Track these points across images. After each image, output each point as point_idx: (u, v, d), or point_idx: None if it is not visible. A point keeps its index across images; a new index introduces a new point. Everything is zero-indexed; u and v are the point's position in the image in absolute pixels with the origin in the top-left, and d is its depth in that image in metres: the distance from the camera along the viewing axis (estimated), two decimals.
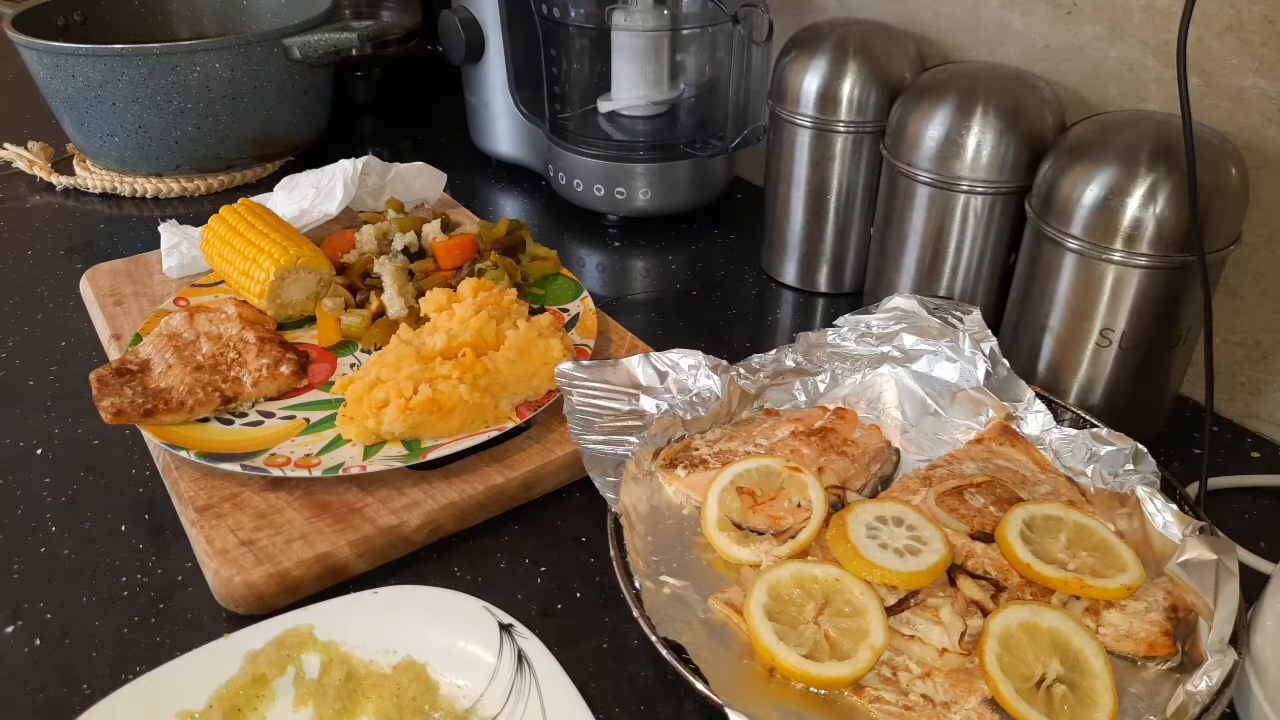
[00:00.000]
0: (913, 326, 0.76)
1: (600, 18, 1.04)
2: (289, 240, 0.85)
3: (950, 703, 0.51)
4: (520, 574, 0.65)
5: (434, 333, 0.75)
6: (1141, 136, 0.67)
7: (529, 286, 0.89)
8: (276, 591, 0.61)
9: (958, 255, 0.81)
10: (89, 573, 0.64)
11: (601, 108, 1.10)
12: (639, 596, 0.56)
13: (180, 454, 0.67)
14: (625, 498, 0.63)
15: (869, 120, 0.87)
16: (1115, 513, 0.63)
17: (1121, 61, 0.79)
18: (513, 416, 0.71)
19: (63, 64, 1.09)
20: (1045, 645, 0.53)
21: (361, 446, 0.69)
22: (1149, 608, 0.55)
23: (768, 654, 0.53)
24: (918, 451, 0.72)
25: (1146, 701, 0.52)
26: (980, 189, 0.77)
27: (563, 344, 0.76)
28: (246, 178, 1.21)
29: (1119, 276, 0.69)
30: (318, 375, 0.79)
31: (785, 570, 0.57)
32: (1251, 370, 0.78)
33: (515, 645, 0.55)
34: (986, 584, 0.57)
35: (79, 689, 0.56)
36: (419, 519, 0.65)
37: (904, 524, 0.60)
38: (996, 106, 0.75)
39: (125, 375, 0.73)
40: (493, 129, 1.22)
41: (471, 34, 1.14)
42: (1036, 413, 0.71)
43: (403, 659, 0.55)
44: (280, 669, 0.54)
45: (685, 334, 0.92)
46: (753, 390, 0.74)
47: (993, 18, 0.88)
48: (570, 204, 1.12)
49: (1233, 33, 0.71)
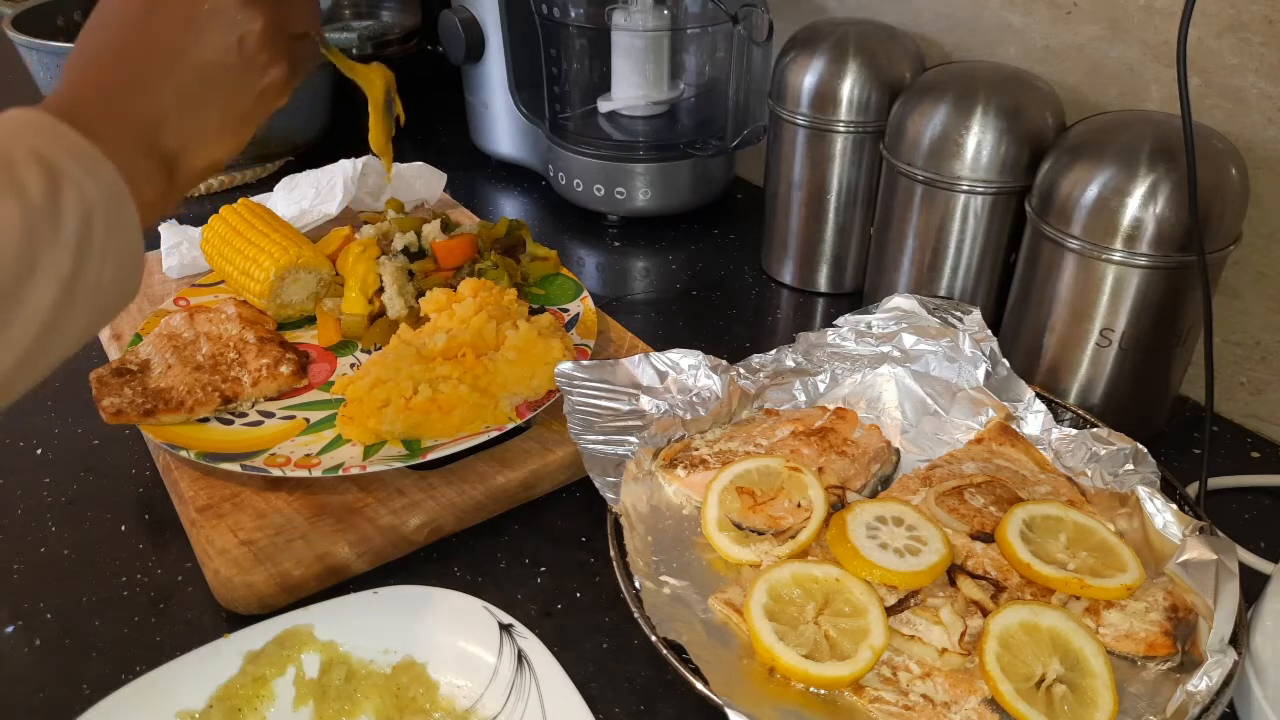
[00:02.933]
0: (913, 326, 0.76)
1: (600, 18, 1.04)
2: (289, 240, 0.85)
3: (950, 703, 0.51)
4: (520, 574, 0.65)
5: (434, 333, 0.75)
6: (1141, 136, 0.67)
7: (529, 286, 0.89)
8: (276, 591, 0.61)
9: (958, 255, 0.81)
10: (89, 573, 0.64)
11: (601, 108, 1.10)
12: (639, 596, 0.56)
13: (180, 454, 0.67)
14: (625, 498, 0.63)
15: (869, 120, 0.87)
16: (1115, 513, 0.63)
17: (1121, 61, 0.79)
18: (513, 416, 0.71)
19: (62, 64, 1.09)
20: (1045, 645, 0.53)
21: (361, 446, 0.69)
22: (1149, 608, 0.55)
23: (768, 654, 0.53)
24: (918, 451, 0.72)
25: (1146, 701, 0.52)
26: (980, 189, 0.77)
27: (563, 344, 0.76)
28: (246, 178, 1.20)
29: (1119, 276, 0.69)
30: (318, 375, 0.79)
31: (785, 570, 0.57)
32: (1251, 370, 0.78)
33: (515, 645, 0.55)
34: (986, 584, 0.57)
35: (79, 689, 0.56)
36: (419, 519, 0.65)
37: (904, 524, 0.60)
38: (996, 106, 0.75)
39: (125, 375, 0.73)
40: (493, 129, 1.22)
41: (471, 34, 1.14)
42: (1036, 413, 0.71)
43: (403, 659, 0.55)
44: (280, 669, 0.54)
45: (685, 334, 0.92)
46: (753, 390, 0.74)
47: (993, 18, 0.88)
48: (570, 204, 1.12)
49: (1233, 33, 0.71)
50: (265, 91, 0.48)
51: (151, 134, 0.44)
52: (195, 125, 0.46)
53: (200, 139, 0.46)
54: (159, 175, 0.44)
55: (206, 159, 0.47)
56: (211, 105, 0.46)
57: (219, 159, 0.48)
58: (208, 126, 0.46)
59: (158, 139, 0.44)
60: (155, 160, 0.44)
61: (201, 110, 0.46)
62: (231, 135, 0.48)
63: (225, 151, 0.48)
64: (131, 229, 0.41)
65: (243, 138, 0.49)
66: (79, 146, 0.39)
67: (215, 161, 0.48)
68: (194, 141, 0.46)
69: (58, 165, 0.38)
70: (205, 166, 0.47)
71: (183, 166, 0.46)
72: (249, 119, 0.49)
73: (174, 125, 0.45)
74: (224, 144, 0.48)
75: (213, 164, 0.48)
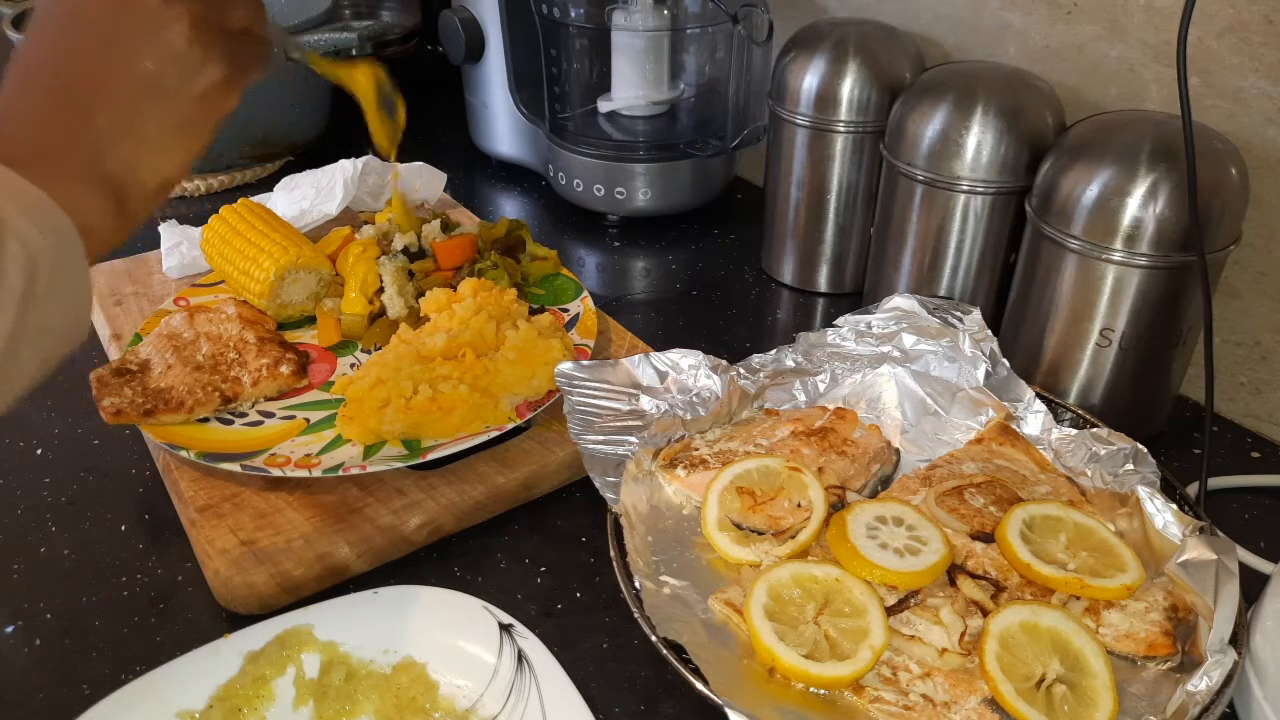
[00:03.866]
0: (913, 326, 0.76)
1: (600, 18, 1.04)
2: (289, 240, 0.85)
3: (950, 703, 0.51)
4: (520, 574, 0.65)
5: (434, 333, 0.75)
6: (1141, 136, 0.67)
7: (529, 286, 0.89)
8: (276, 591, 0.61)
9: (958, 255, 0.81)
10: (89, 573, 0.64)
11: (601, 108, 1.10)
12: (639, 596, 0.56)
13: (180, 454, 0.67)
14: (625, 498, 0.63)
15: (869, 120, 0.87)
16: (1115, 513, 0.63)
17: (1121, 61, 0.79)
18: (513, 416, 0.71)
19: None
20: (1045, 645, 0.53)
21: (361, 446, 0.69)
22: (1149, 608, 0.55)
23: (768, 654, 0.53)
24: (918, 451, 0.72)
25: (1146, 701, 0.52)
26: (980, 189, 0.77)
27: (563, 344, 0.76)
28: (246, 178, 1.20)
29: (1119, 276, 0.69)
30: (318, 375, 0.79)
31: (785, 570, 0.57)
32: (1251, 370, 0.78)
33: (515, 645, 0.55)
34: (986, 584, 0.57)
35: (79, 689, 0.56)
36: (419, 519, 0.65)
37: (904, 524, 0.60)
38: (996, 106, 0.75)
39: (125, 375, 0.73)
40: (493, 129, 1.22)
41: (471, 34, 1.14)
42: (1036, 413, 0.71)
43: (403, 659, 0.55)
44: (280, 669, 0.54)
45: (685, 334, 0.92)
46: (753, 390, 0.74)
47: (993, 18, 0.88)
48: (570, 204, 1.12)
49: (1233, 33, 0.71)
50: (206, 95, 0.45)
51: (94, 162, 0.42)
52: (136, 142, 0.44)
53: (144, 156, 0.44)
54: (108, 205, 0.43)
55: (156, 177, 0.45)
56: (148, 116, 0.44)
57: (170, 175, 0.46)
58: (148, 140, 0.44)
59: (100, 165, 0.42)
60: (102, 189, 0.42)
61: (139, 124, 0.44)
62: (178, 146, 0.45)
63: (175, 166, 0.46)
64: (79, 271, 0.40)
65: (192, 148, 0.46)
66: (22, 191, 0.38)
67: (167, 179, 0.45)
68: (139, 160, 0.44)
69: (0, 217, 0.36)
70: (158, 186, 0.45)
71: (132, 190, 0.44)
72: (191, 126, 0.46)
73: (115, 147, 0.43)
74: (172, 157, 0.45)
75: (165, 181, 0.45)
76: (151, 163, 0.44)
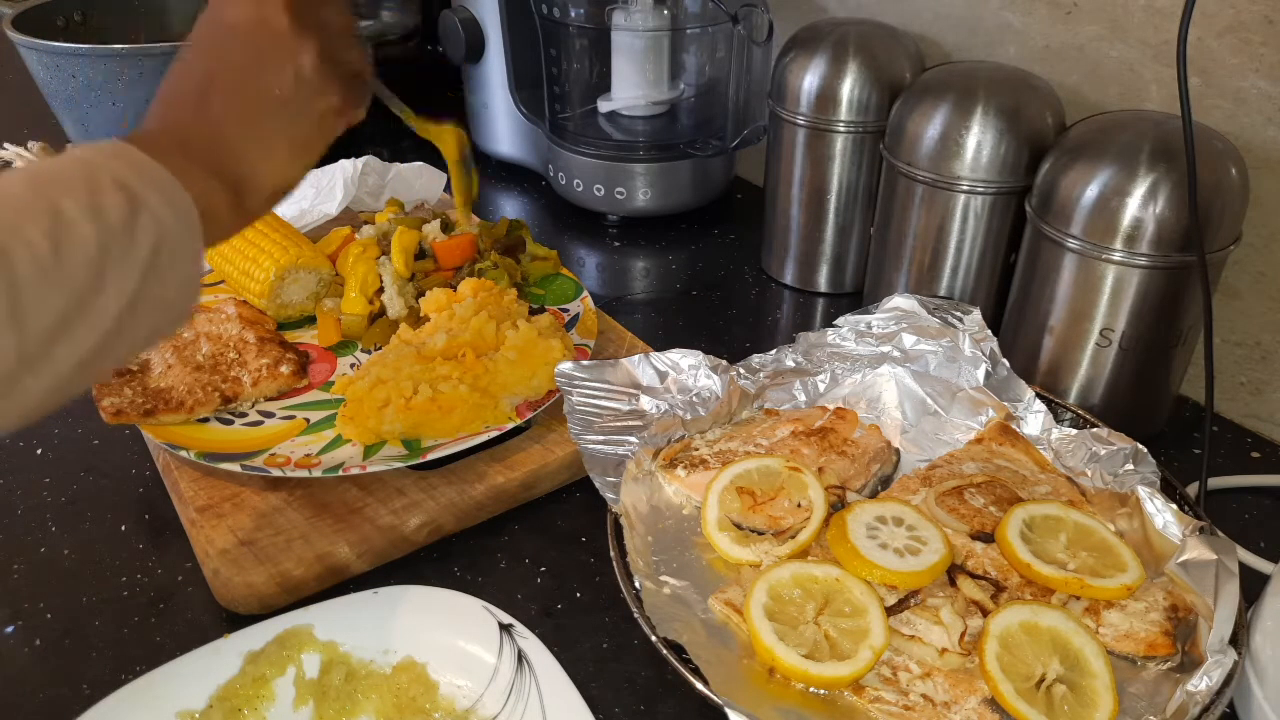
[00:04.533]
0: (913, 326, 0.76)
1: (600, 18, 1.04)
2: (289, 240, 0.85)
3: (950, 703, 0.51)
4: (520, 574, 0.65)
5: (434, 333, 0.75)
6: (1141, 136, 0.67)
7: (529, 286, 0.89)
8: (276, 591, 0.61)
9: (958, 255, 0.81)
10: (89, 573, 0.64)
11: (601, 108, 1.10)
12: (639, 596, 0.56)
13: (180, 454, 0.67)
14: (625, 498, 0.63)
15: (869, 120, 0.87)
16: (1115, 513, 0.63)
17: (1121, 61, 0.79)
18: (513, 416, 0.71)
19: (63, 64, 1.09)
20: (1045, 645, 0.53)
21: (361, 446, 0.69)
22: (1149, 608, 0.55)
23: (768, 654, 0.53)
24: (918, 451, 0.72)
25: (1146, 701, 0.52)
26: (980, 189, 0.77)
27: (563, 344, 0.76)
28: None
29: (1119, 276, 0.69)
30: (318, 375, 0.78)
31: (785, 570, 0.57)
32: (1251, 370, 0.78)
33: (515, 645, 0.55)
34: (986, 584, 0.57)
35: (79, 689, 0.56)
36: (419, 519, 0.65)
37: (904, 524, 0.60)
38: (996, 106, 0.75)
39: (125, 375, 0.73)
40: (493, 129, 1.22)
41: (471, 34, 1.14)
42: (1036, 413, 0.71)
43: (403, 659, 0.55)
44: (280, 669, 0.54)
45: (685, 334, 0.92)
46: (753, 390, 0.74)
47: (993, 18, 0.88)
48: (570, 204, 1.12)
49: (1233, 33, 0.71)
50: (324, 117, 0.52)
51: (224, 160, 0.48)
52: (261, 149, 0.50)
53: (266, 161, 0.50)
54: (230, 199, 0.48)
55: (273, 182, 0.51)
56: (274, 128, 0.50)
57: (285, 182, 0.52)
58: (272, 149, 0.50)
59: (228, 164, 0.48)
60: (226, 184, 0.48)
61: (266, 133, 0.50)
62: (297, 159, 0.52)
63: (290, 175, 0.52)
64: (194, 251, 0.45)
65: (305, 161, 0.53)
66: (161, 178, 0.43)
67: (281, 185, 0.52)
68: (261, 164, 0.50)
69: (139, 193, 0.41)
70: (273, 189, 0.51)
71: (251, 189, 0.49)
72: (311, 144, 0.52)
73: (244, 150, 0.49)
74: (289, 167, 0.52)
75: (280, 187, 0.52)
76: (271, 168, 0.50)
